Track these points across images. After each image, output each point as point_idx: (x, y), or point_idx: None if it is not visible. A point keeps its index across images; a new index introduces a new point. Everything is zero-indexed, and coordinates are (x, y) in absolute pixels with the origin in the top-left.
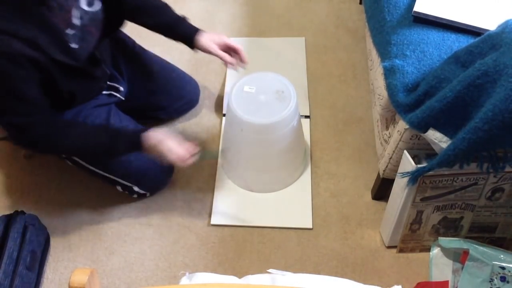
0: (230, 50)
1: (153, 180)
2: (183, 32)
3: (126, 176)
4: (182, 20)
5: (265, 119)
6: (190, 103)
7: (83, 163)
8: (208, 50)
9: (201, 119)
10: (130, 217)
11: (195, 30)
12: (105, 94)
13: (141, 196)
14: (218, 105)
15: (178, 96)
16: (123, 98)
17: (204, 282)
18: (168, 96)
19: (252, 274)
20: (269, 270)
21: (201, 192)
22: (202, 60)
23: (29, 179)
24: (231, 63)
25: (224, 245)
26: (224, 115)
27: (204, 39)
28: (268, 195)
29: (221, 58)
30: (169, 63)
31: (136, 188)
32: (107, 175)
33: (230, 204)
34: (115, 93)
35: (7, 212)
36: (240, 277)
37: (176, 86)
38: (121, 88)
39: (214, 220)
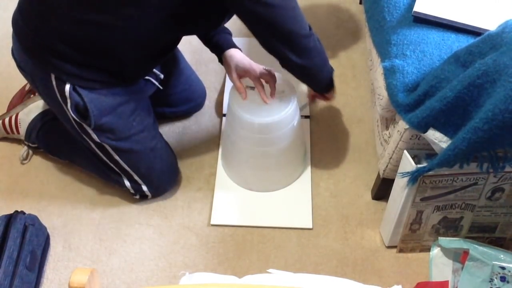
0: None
1: (164, 183)
2: (215, 44)
3: (144, 175)
4: (222, 33)
5: (265, 119)
6: (197, 106)
7: (113, 153)
8: (229, 75)
9: (201, 118)
10: (130, 217)
11: (227, 46)
12: (143, 80)
13: (142, 197)
14: (218, 105)
15: (188, 98)
16: (161, 87)
17: (204, 282)
18: (180, 95)
19: (252, 274)
20: (269, 270)
21: (201, 192)
22: (202, 60)
23: (29, 179)
24: (242, 95)
25: (224, 245)
26: (224, 115)
27: (232, 62)
28: (268, 195)
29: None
30: (188, 64)
31: (144, 188)
32: (127, 168)
33: (230, 204)
34: (153, 80)
35: (7, 212)
36: (240, 277)
37: (189, 88)
38: (161, 76)
39: (214, 220)
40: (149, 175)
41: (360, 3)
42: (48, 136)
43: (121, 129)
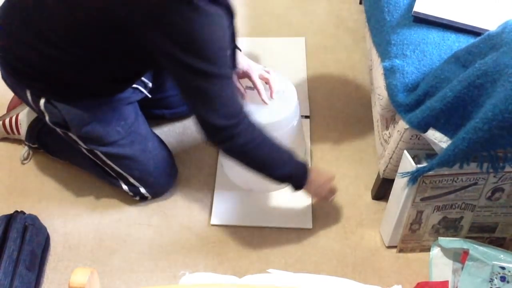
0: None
1: (162, 185)
2: None
3: (140, 178)
4: None
5: (265, 119)
6: None
7: (104, 158)
8: None
9: None
10: (130, 217)
11: None
12: (131, 88)
13: (142, 199)
14: None
15: None
16: (150, 96)
17: (204, 282)
18: (178, 97)
19: (252, 274)
20: (269, 270)
21: (201, 192)
22: None
23: (29, 179)
24: (242, 96)
25: (224, 245)
26: None
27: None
28: (268, 195)
29: None
30: None
31: (142, 190)
32: (121, 172)
33: (230, 204)
34: (141, 88)
35: (7, 212)
36: (240, 277)
37: None
38: (150, 84)
39: (214, 220)
40: (144, 176)
41: (360, 3)
42: (48, 137)
43: (106, 136)
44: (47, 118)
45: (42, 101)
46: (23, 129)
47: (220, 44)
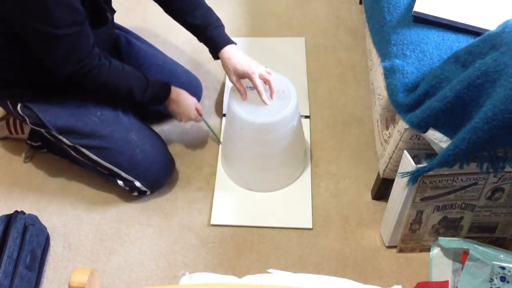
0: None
1: (156, 175)
2: (209, 39)
3: (129, 170)
4: (212, 28)
5: (265, 119)
6: None
7: (89, 153)
8: (228, 77)
9: None
10: (130, 217)
11: (222, 44)
12: None
13: (141, 194)
14: (218, 105)
15: None
16: None
17: (204, 282)
18: None
19: (252, 274)
20: (269, 270)
21: (201, 192)
22: (202, 60)
23: (29, 179)
24: (243, 96)
25: (224, 245)
26: (224, 115)
27: (231, 64)
28: (268, 195)
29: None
30: (173, 60)
31: (137, 184)
32: (111, 166)
33: (230, 204)
34: None
35: (7, 212)
36: (240, 277)
37: (180, 81)
38: None
39: (214, 220)
40: (134, 169)
41: (360, 3)
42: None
43: (82, 128)
44: (27, 121)
45: (19, 106)
46: (28, 128)
47: (56, 5)
